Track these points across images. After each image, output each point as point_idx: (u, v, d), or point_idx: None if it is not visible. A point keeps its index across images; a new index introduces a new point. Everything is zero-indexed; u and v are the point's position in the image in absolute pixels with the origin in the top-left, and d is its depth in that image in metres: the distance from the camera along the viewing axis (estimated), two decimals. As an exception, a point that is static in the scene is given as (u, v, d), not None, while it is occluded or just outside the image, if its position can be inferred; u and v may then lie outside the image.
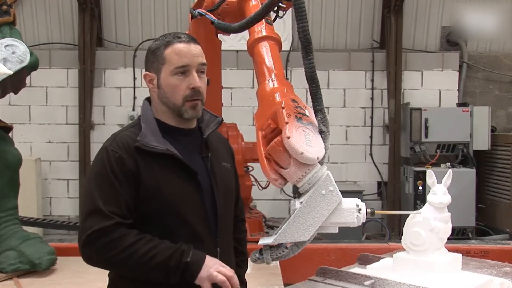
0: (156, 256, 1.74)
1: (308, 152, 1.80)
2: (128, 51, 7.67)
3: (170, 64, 1.88)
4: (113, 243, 1.74)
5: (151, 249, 1.75)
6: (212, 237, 1.91)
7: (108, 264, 1.81)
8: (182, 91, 1.88)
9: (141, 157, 1.83)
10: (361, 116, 7.73)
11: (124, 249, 1.74)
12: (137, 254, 1.73)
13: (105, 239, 1.74)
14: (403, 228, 2.22)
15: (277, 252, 1.89)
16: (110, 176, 1.80)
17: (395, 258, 2.19)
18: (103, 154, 1.85)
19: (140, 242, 1.75)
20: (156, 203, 1.82)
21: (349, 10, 7.67)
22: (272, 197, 7.48)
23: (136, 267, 1.76)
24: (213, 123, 2.04)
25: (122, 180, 1.80)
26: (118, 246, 1.74)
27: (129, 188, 1.80)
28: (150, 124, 1.90)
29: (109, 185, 1.80)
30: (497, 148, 7.23)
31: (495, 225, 7.15)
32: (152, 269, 1.75)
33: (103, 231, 1.75)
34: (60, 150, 7.70)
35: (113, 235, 1.75)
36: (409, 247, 2.15)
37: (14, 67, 3.38)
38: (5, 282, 3.35)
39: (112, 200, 1.78)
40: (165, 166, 1.84)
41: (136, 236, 1.77)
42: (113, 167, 1.81)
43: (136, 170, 1.82)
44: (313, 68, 1.90)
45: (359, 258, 2.42)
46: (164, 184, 1.83)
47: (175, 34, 1.95)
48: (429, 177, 2.19)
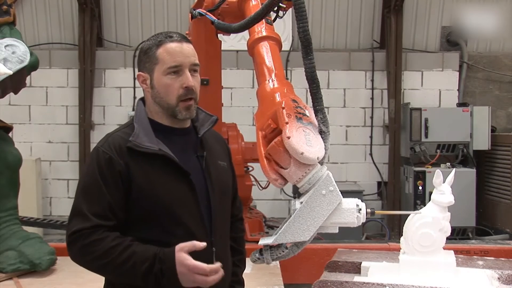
0: (134, 266, 1.74)
1: (308, 152, 1.80)
2: (128, 51, 7.67)
3: (163, 64, 1.87)
4: (91, 246, 1.75)
5: (128, 258, 1.74)
6: (207, 236, 1.89)
7: (89, 267, 1.82)
8: (176, 91, 1.87)
9: (132, 158, 1.83)
10: (361, 116, 7.73)
11: (101, 255, 1.75)
12: (114, 261, 1.74)
13: (83, 241, 1.76)
14: (403, 229, 2.21)
15: (277, 252, 1.89)
16: (98, 178, 1.81)
17: (402, 261, 2.17)
18: (94, 155, 1.86)
19: (117, 249, 1.75)
20: (149, 203, 1.81)
21: (349, 10, 7.67)
22: (272, 197, 7.48)
23: (114, 274, 1.79)
24: (208, 122, 2.02)
25: (110, 182, 1.80)
26: (96, 250, 1.75)
27: (117, 190, 1.80)
28: (143, 124, 1.90)
29: (95, 186, 1.81)
30: (497, 148, 7.22)
31: (495, 225, 7.15)
32: (130, 277, 1.76)
33: (81, 233, 1.76)
34: (60, 150, 7.70)
35: (91, 237, 1.76)
36: (416, 249, 2.13)
37: (14, 67, 3.38)
38: (5, 282, 3.35)
39: (95, 202, 1.79)
40: (158, 166, 1.84)
41: (114, 241, 1.76)
42: (102, 169, 1.81)
43: (126, 171, 1.81)
44: (313, 68, 1.90)
45: (328, 266, 2.35)
46: (157, 184, 1.83)
47: (167, 33, 1.93)
48: (437, 176, 2.17)
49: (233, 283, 2.11)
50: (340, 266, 2.34)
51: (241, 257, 2.20)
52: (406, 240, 2.18)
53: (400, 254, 2.23)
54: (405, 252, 2.21)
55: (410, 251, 2.17)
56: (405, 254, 2.20)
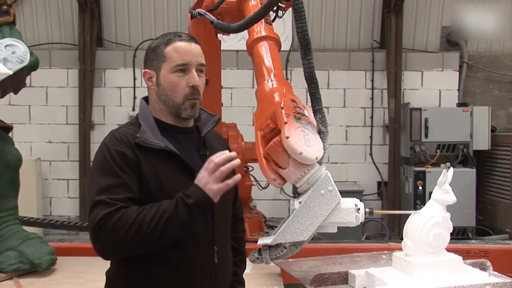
0: (163, 217, 1.71)
1: (307, 152, 1.81)
2: (128, 51, 7.67)
3: (170, 61, 1.89)
4: (119, 223, 1.70)
5: (156, 212, 1.71)
6: (210, 235, 1.90)
7: (124, 245, 1.73)
8: (182, 89, 1.89)
9: (141, 153, 1.83)
10: (361, 116, 7.73)
11: (131, 224, 1.70)
12: (145, 222, 1.70)
13: (109, 223, 1.70)
14: (405, 230, 2.17)
15: (276, 252, 1.89)
16: (113, 167, 1.79)
17: (415, 264, 2.10)
18: (104, 150, 1.84)
19: (143, 212, 1.72)
20: (155, 197, 1.81)
21: (349, 10, 7.67)
22: (272, 197, 7.49)
23: (150, 235, 1.71)
24: (210, 122, 2.04)
25: (125, 169, 1.79)
26: (125, 224, 1.70)
27: (132, 177, 1.79)
28: (149, 122, 1.91)
29: (112, 175, 1.78)
30: (497, 148, 7.22)
31: (495, 225, 7.14)
32: (165, 230, 1.71)
33: (106, 217, 1.71)
34: (60, 150, 7.70)
35: (116, 216, 1.71)
36: (427, 250, 2.10)
37: (14, 67, 3.39)
38: (5, 282, 3.35)
39: (115, 189, 1.76)
40: (164, 162, 1.85)
41: (137, 209, 1.73)
42: (115, 159, 1.80)
43: (138, 162, 1.81)
44: (312, 68, 1.91)
45: (314, 280, 2.25)
46: (163, 179, 1.83)
47: (176, 33, 1.96)
48: (444, 175, 2.15)
49: (234, 283, 2.12)
50: (326, 279, 2.25)
51: (242, 257, 2.21)
52: (415, 242, 2.11)
53: (402, 256, 2.17)
54: (408, 254, 2.15)
55: (419, 253, 2.11)
56: (414, 257, 2.12)
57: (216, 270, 1.92)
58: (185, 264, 1.85)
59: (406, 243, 2.15)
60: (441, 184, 2.16)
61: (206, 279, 1.90)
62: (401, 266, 2.17)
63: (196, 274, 1.87)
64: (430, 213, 2.13)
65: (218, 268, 1.93)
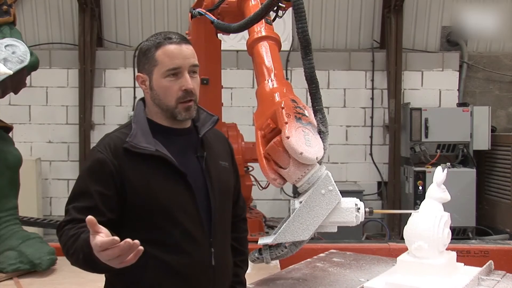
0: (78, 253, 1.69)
1: (307, 152, 1.81)
2: (128, 51, 7.67)
3: (162, 66, 1.84)
4: (61, 238, 1.78)
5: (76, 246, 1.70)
6: (206, 237, 1.87)
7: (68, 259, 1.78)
8: (175, 93, 1.85)
9: (128, 159, 1.81)
10: (361, 116, 7.73)
11: (63, 246, 1.76)
12: (69, 251, 1.73)
13: (60, 235, 1.79)
14: (407, 231, 2.11)
15: (276, 252, 1.89)
16: (86, 177, 1.83)
17: (428, 266, 2.03)
18: (90, 155, 1.88)
19: (71, 239, 1.73)
20: (145, 204, 1.80)
21: (349, 10, 7.67)
22: (272, 197, 7.48)
23: (78, 265, 1.73)
24: (209, 122, 2.00)
25: (99, 181, 1.80)
26: (62, 241, 1.77)
27: (107, 189, 1.79)
28: (141, 124, 1.88)
29: (83, 185, 1.82)
30: (497, 148, 7.22)
31: (495, 225, 7.14)
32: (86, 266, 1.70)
33: (60, 227, 1.80)
34: (60, 150, 7.70)
35: (63, 230, 1.77)
36: (439, 250, 2.06)
37: (14, 67, 3.39)
38: (5, 282, 3.35)
39: (80, 200, 1.80)
40: (155, 167, 1.82)
41: (71, 231, 1.73)
42: (93, 169, 1.82)
43: (119, 172, 1.80)
44: (313, 69, 1.90)
45: None
46: (153, 185, 1.81)
47: (166, 34, 1.90)
48: (440, 173, 2.14)
49: (234, 284, 2.09)
50: None
51: (243, 257, 2.16)
52: (431, 243, 2.03)
53: (416, 260, 2.07)
54: (421, 257, 2.06)
55: (434, 254, 2.04)
56: (428, 259, 2.05)
57: (214, 272, 1.89)
58: (182, 266, 1.83)
59: (422, 246, 2.04)
60: (439, 182, 2.15)
61: (203, 281, 1.88)
62: (418, 270, 2.03)
63: (193, 276, 1.85)
64: (436, 213, 2.09)
65: (216, 270, 1.90)
